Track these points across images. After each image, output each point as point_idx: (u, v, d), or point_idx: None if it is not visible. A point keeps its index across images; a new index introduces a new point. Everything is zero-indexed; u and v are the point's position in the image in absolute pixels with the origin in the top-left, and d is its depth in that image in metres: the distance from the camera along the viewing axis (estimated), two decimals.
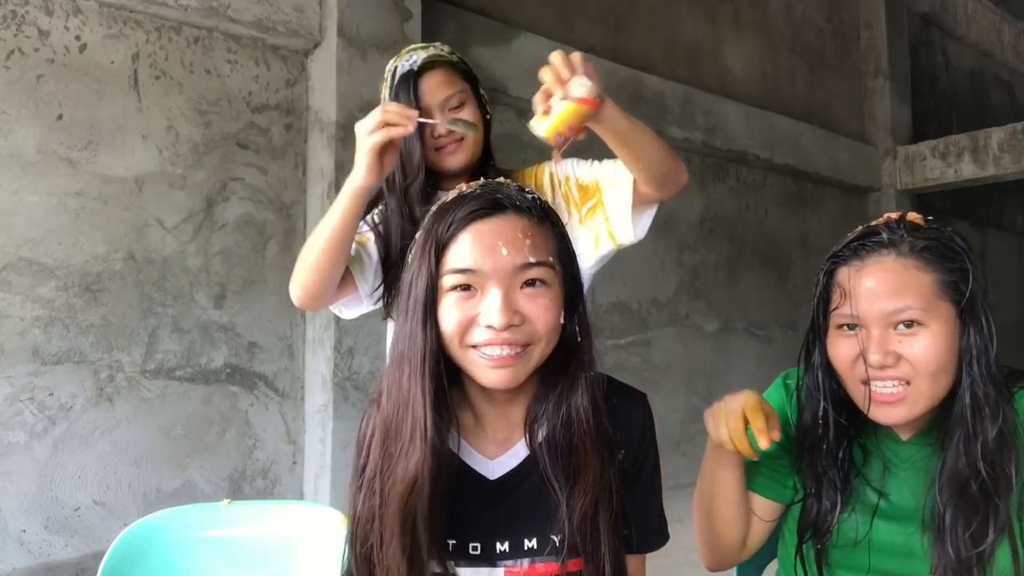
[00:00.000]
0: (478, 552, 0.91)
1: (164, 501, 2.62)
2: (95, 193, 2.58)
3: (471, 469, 0.95)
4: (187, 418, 2.74)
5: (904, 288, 0.99)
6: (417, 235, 0.92)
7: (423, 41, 3.21)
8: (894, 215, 1.07)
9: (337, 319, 2.89)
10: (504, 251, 0.86)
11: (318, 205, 2.99)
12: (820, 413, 1.09)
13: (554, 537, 0.89)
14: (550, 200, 1.53)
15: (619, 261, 4.68)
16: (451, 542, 0.91)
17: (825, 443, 1.09)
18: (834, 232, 5.73)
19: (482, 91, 1.55)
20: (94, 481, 2.54)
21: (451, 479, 0.91)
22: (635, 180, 1.41)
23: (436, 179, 1.51)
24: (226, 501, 1.40)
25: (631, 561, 0.98)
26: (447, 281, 0.87)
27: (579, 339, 0.93)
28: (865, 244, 1.04)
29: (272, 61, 3.00)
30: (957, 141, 5.87)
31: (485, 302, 0.86)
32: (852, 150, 5.91)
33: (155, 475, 2.65)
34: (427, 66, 1.45)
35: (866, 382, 1.02)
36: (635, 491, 0.96)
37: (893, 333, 1.00)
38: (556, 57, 1.15)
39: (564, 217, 1.50)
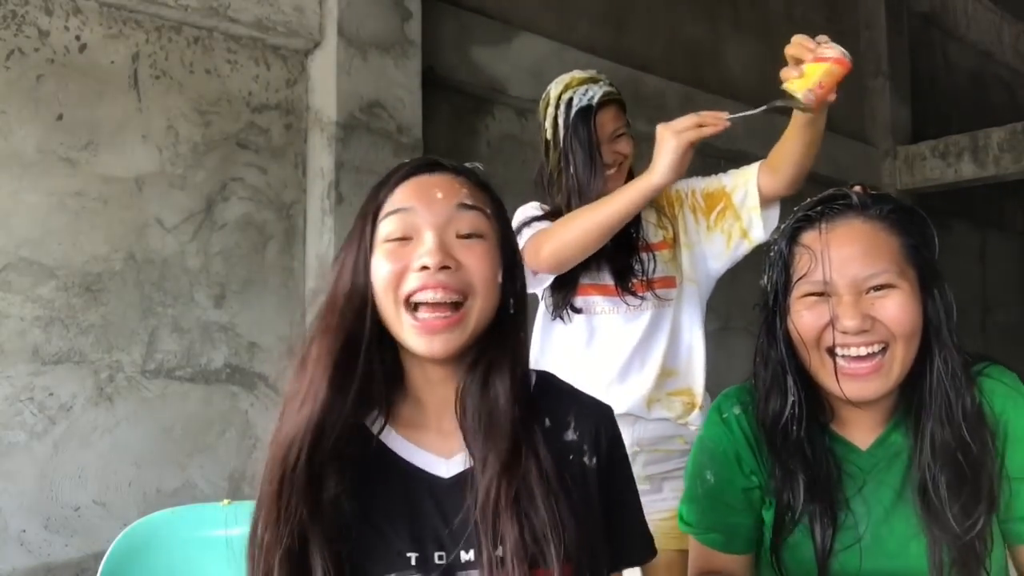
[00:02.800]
0: (443, 561, 0.85)
1: (164, 501, 2.62)
2: (95, 193, 2.58)
3: (423, 471, 0.90)
4: (187, 418, 2.74)
5: (876, 252, 0.97)
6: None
7: (423, 41, 3.22)
8: (853, 185, 1.04)
9: None
10: (440, 195, 0.87)
11: (318, 205, 2.99)
12: (790, 390, 1.02)
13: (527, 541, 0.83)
14: (678, 212, 1.75)
15: None
16: (413, 555, 0.84)
17: (794, 428, 1.01)
18: None
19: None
20: (94, 481, 2.54)
21: (394, 477, 0.87)
22: (760, 181, 1.62)
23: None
24: (226, 501, 1.40)
25: None
26: (382, 229, 0.87)
27: (512, 311, 0.91)
28: (833, 206, 1.01)
29: (272, 61, 3.00)
30: (957, 141, 5.87)
31: (420, 247, 0.85)
32: (852, 150, 5.90)
33: (155, 475, 2.65)
34: (602, 103, 1.69)
35: (832, 351, 0.97)
36: (610, 499, 0.92)
37: (865, 297, 0.96)
38: (798, 37, 1.34)
39: (692, 226, 1.74)
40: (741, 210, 1.66)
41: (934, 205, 6.49)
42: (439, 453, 0.90)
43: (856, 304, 0.95)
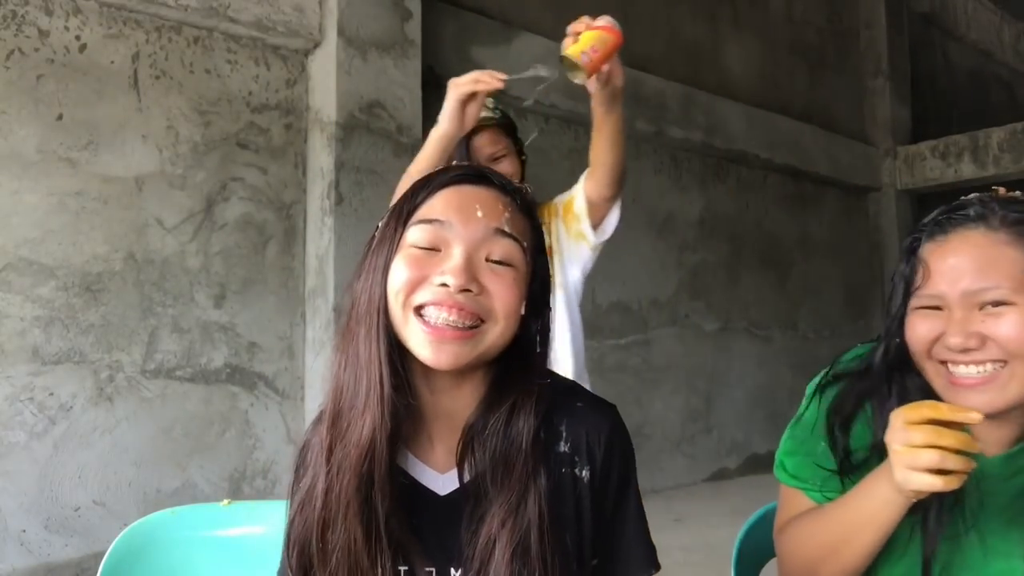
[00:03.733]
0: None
1: (164, 501, 2.62)
2: (95, 193, 2.58)
3: (420, 485, 0.86)
4: (187, 418, 2.74)
5: (991, 265, 0.89)
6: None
7: (423, 41, 3.22)
8: (1002, 189, 0.97)
9: (338, 320, 2.89)
10: (479, 213, 0.82)
11: (318, 205, 2.99)
12: (885, 397, 0.96)
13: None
14: (551, 221, 1.80)
15: (619, 261, 4.68)
16: (402, 568, 0.82)
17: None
18: (834, 232, 5.73)
19: (519, 136, 1.84)
20: (94, 481, 2.54)
21: (396, 488, 0.83)
22: (585, 186, 1.71)
23: None
24: (226, 501, 1.40)
25: None
26: (411, 234, 0.82)
27: (538, 349, 0.87)
28: (952, 217, 0.94)
29: (272, 61, 3.00)
30: (957, 141, 5.87)
31: (446, 262, 0.80)
32: (852, 150, 5.91)
33: (155, 475, 2.65)
34: (477, 128, 1.71)
35: (944, 363, 0.91)
36: (603, 511, 0.88)
37: (978, 314, 0.89)
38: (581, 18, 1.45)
39: (563, 235, 1.81)
40: (580, 214, 1.77)
41: (934, 205, 6.48)
42: (435, 467, 0.87)
43: (966, 320, 0.90)
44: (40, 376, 2.45)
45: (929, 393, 0.95)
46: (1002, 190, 0.97)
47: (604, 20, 1.44)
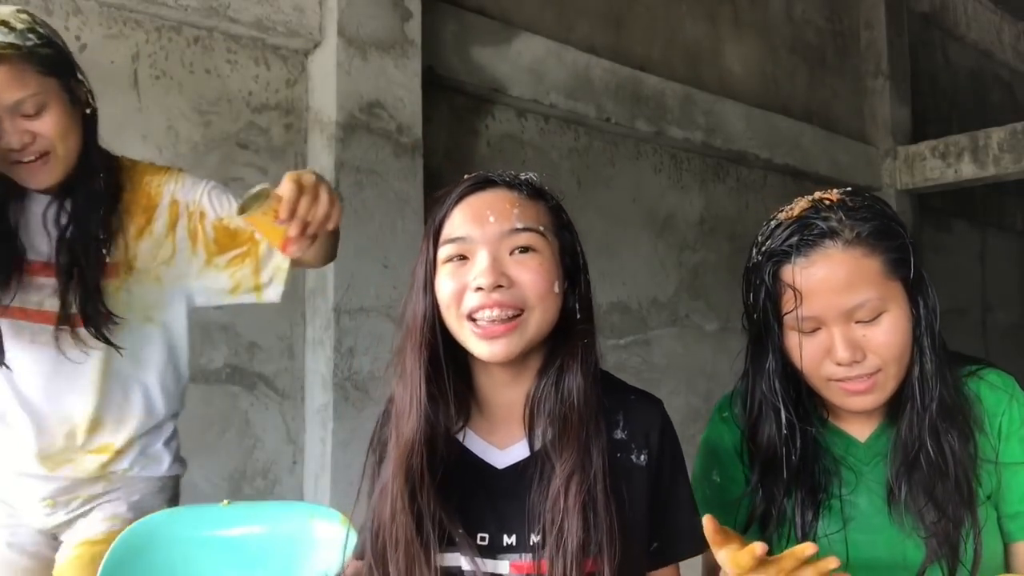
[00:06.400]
0: (486, 543, 0.93)
1: None
2: None
3: (479, 459, 0.97)
4: (187, 418, 2.71)
5: (858, 280, 0.96)
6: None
7: (423, 41, 3.21)
8: (825, 196, 1.03)
9: (337, 320, 2.89)
10: (492, 218, 0.93)
11: None
12: (784, 425, 1.04)
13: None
14: (166, 225, 1.39)
15: (619, 261, 4.67)
16: (458, 534, 0.93)
17: (791, 458, 1.04)
18: None
19: (80, 77, 1.28)
20: None
21: (458, 467, 0.94)
22: None
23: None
24: (226, 501, 1.40)
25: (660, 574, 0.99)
26: (442, 253, 0.95)
27: (579, 316, 0.97)
28: (806, 238, 0.99)
29: (272, 61, 3.00)
30: (957, 141, 5.87)
31: (475, 266, 0.92)
32: (852, 150, 5.90)
33: None
34: None
35: (834, 379, 1.00)
36: (659, 495, 0.97)
37: (855, 326, 0.97)
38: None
39: (184, 255, 1.40)
40: (265, 265, 1.38)
41: (934, 205, 6.49)
42: (499, 445, 0.98)
43: (846, 331, 0.97)
44: None
45: (820, 403, 1.06)
46: (823, 195, 1.03)
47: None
